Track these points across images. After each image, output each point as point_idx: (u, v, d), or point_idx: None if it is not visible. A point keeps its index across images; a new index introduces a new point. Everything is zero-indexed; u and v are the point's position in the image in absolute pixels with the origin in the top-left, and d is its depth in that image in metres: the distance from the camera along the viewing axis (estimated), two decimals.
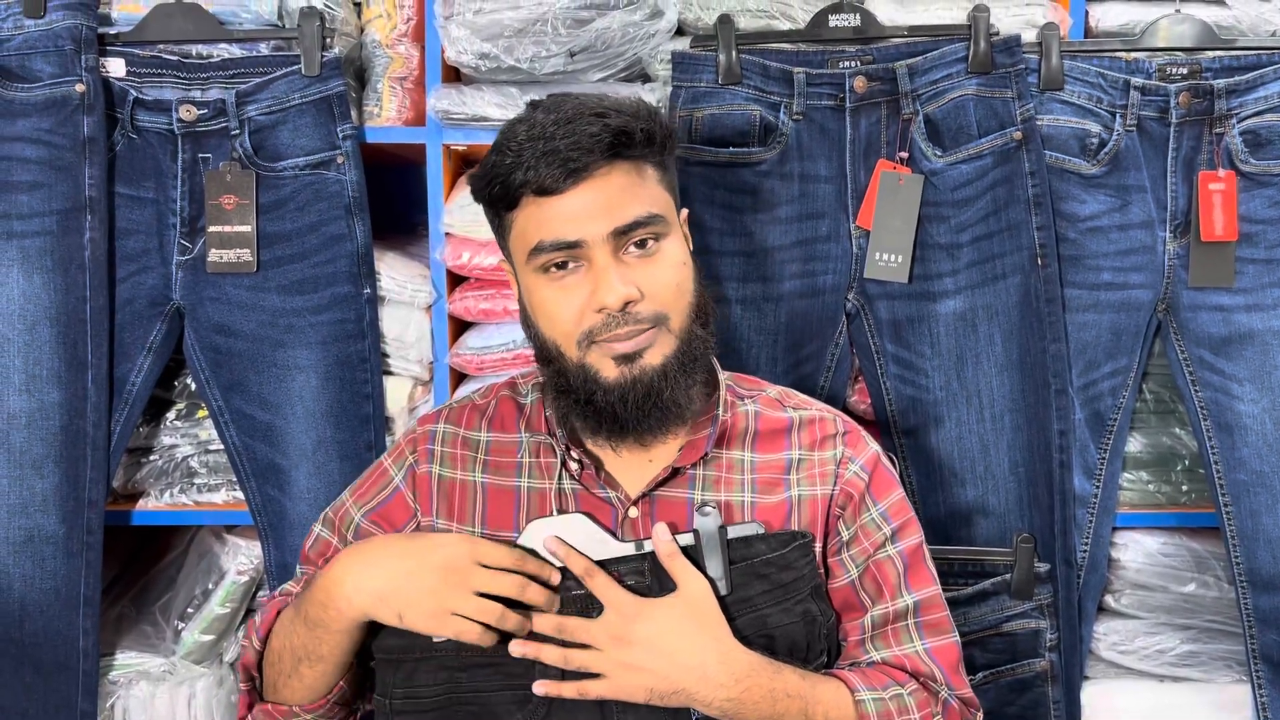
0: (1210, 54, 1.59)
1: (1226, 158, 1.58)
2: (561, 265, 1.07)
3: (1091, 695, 1.68)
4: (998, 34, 1.57)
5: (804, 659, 1.11)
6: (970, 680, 1.57)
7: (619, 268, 1.05)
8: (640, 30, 1.58)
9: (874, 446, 1.21)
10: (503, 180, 1.06)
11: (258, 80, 1.56)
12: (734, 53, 1.57)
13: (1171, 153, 1.58)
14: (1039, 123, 1.57)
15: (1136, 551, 1.66)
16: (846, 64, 1.58)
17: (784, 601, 1.10)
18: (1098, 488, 1.62)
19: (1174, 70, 1.57)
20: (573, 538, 1.08)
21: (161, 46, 1.59)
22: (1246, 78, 1.57)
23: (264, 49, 1.60)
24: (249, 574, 1.68)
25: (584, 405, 1.09)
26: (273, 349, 1.58)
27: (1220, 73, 1.57)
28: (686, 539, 1.09)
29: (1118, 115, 1.57)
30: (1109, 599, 1.67)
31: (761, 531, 1.11)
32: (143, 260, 1.59)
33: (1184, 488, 1.68)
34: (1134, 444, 1.67)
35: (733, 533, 1.10)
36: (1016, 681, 1.60)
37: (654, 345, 1.07)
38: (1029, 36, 1.58)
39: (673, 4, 1.60)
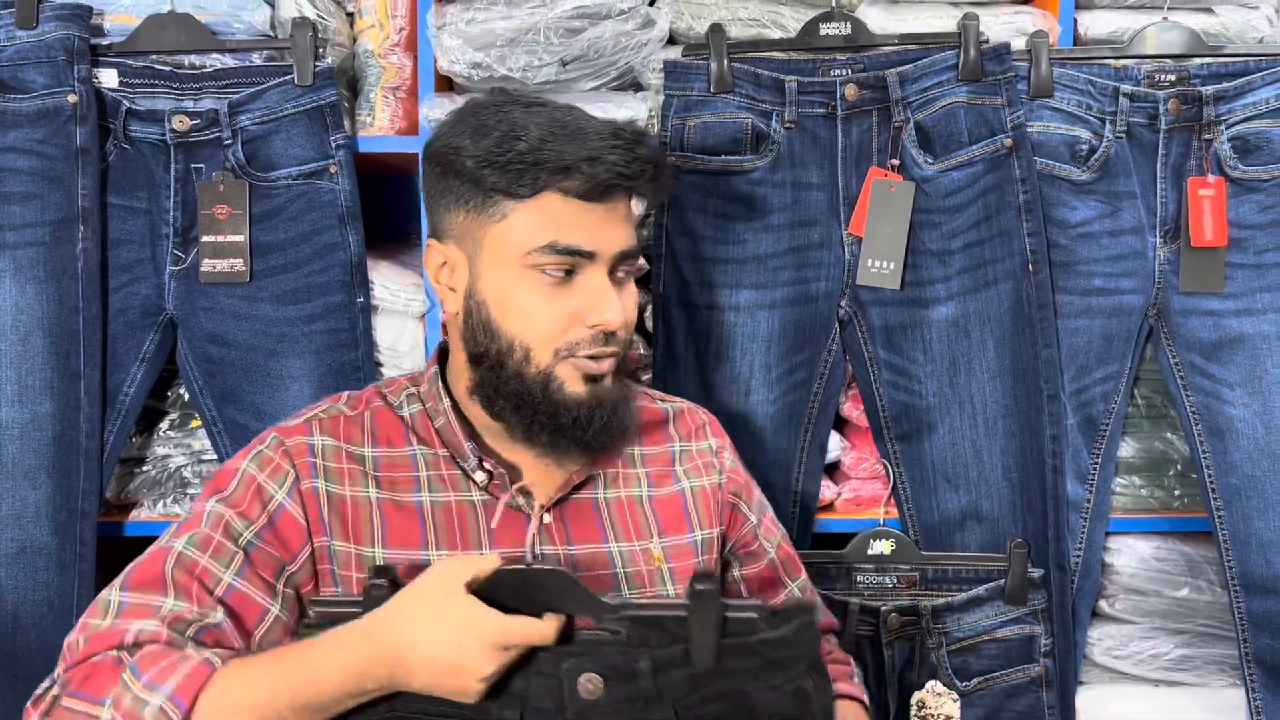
0: (1198, 61, 1.60)
1: (1215, 163, 1.59)
2: (568, 271, 1.04)
3: (1086, 700, 1.68)
4: (987, 42, 1.58)
5: None
6: (965, 686, 1.59)
7: (614, 289, 1.06)
8: (632, 39, 1.59)
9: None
10: (530, 167, 1.00)
11: (250, 90, 1.57)
12: (726, 61, 1.58)
13: (1161, 159, 1.59)
14: (1029, 130, 1.58)
15: (1130, 556, 1.67)
16: (838, 72, 1.59)
17: (774, 679, 0.97)
18: (1090, 493, 1.62)
19: (1162, 77, 1.58)
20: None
21: (154, 57, 1.59)
22: (1234, 84, 1.58)
23: (257, 59, 1.60)
24: None
25: (539, 415, 1.04)
26: (266, 358, 1.58)
27: (1208, 79, 1.59)
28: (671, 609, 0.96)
29: (1107, 122, 1.58)
30: (1103, 604, 1.67)
31: (764, 611, 0.97)
32: (135, 270, 1.59)
33: (1176, 492, 1.69)
34: (1126, 449, 1.68)
35: (733, 614, 0.96)
36: (1011, 687, 1.61)
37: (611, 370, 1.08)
38: (1018, 44, 1.59)
39: (664, 13, 1.61)
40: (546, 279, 1.03)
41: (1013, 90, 1.57)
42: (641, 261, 1.14)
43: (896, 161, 1.59)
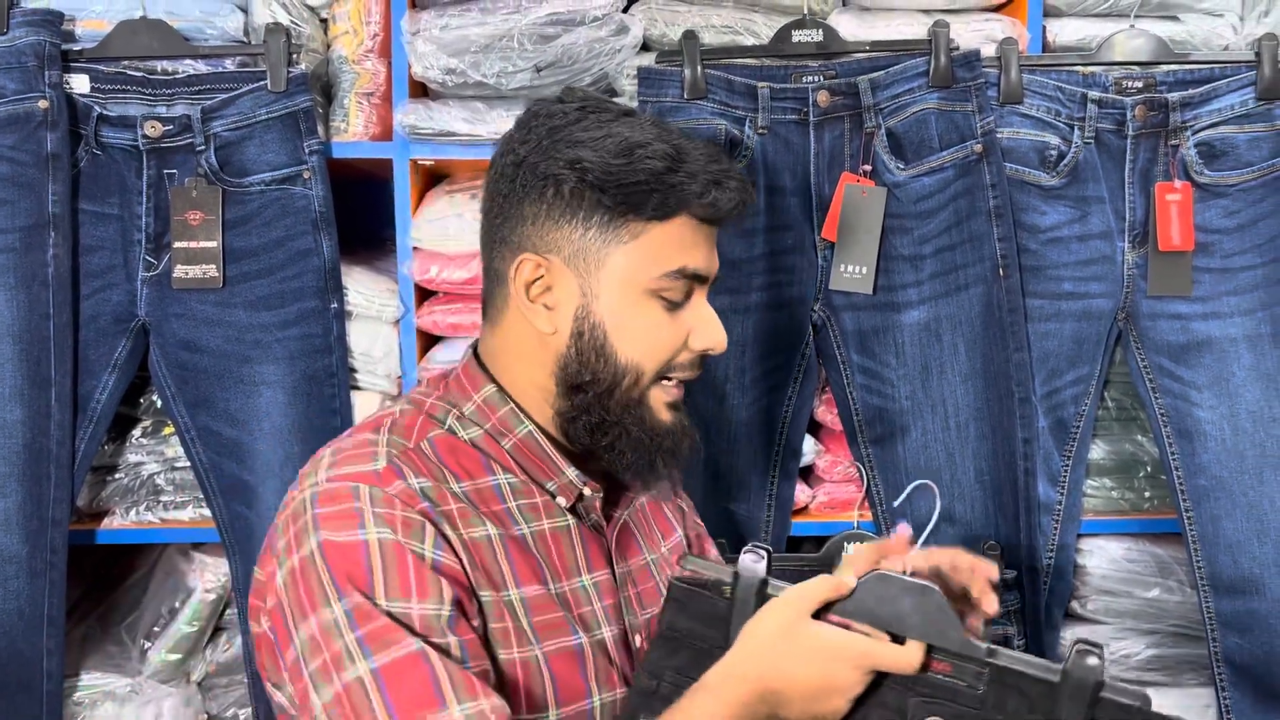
0: (1164, 68, 1.62)
1: (1182, 169, 1.61)
2: (686, 294, 0.99)
3: None
4: (958, 49, 1.59)
5: None
6: None
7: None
8: (606, 46, 1.59)
9: None
10: (670, 189, 0.95)
11: (223, 96, 1.56)
12: (699, 68, 1.59)
13: (1129, 164, 1.61)
14: (999, 135, 1.59)
15: (1101, 557, 1.68)
16: (810, 79, 1.60)
17: None
18: (1062, 495, 1.64)
19: (1129, 84, 1.61)
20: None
21: (126, 63, 1.58)
22: (1200, 90, 1.60)
23: (230, 65, 1.60)
24: (216, 592, 1.67)
25: (640, 442, 0.99)
26: (239, 365, 1.58)
27: (1174, 86, 1.61)
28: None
29: (1076, 128, 1.60)
30: (1075, 605, 1.69)
31: (1146, 704, 0.88)
32: (107, 277, 1.58)
33: (1146, 494, 1.71)
34: (1097, 451, 1.69)
35: (1109, 694, 0.86)
36: None
37: None
38: (988, 51, 1.61)
39: (638, 20, 1.62)
40: (665, 303, 0.98)
41: (983, 97, 1.59)
42: None
43: (869, 167, 1.60)
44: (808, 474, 1.73)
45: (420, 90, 1.68)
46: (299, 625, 0.87)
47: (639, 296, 0.96)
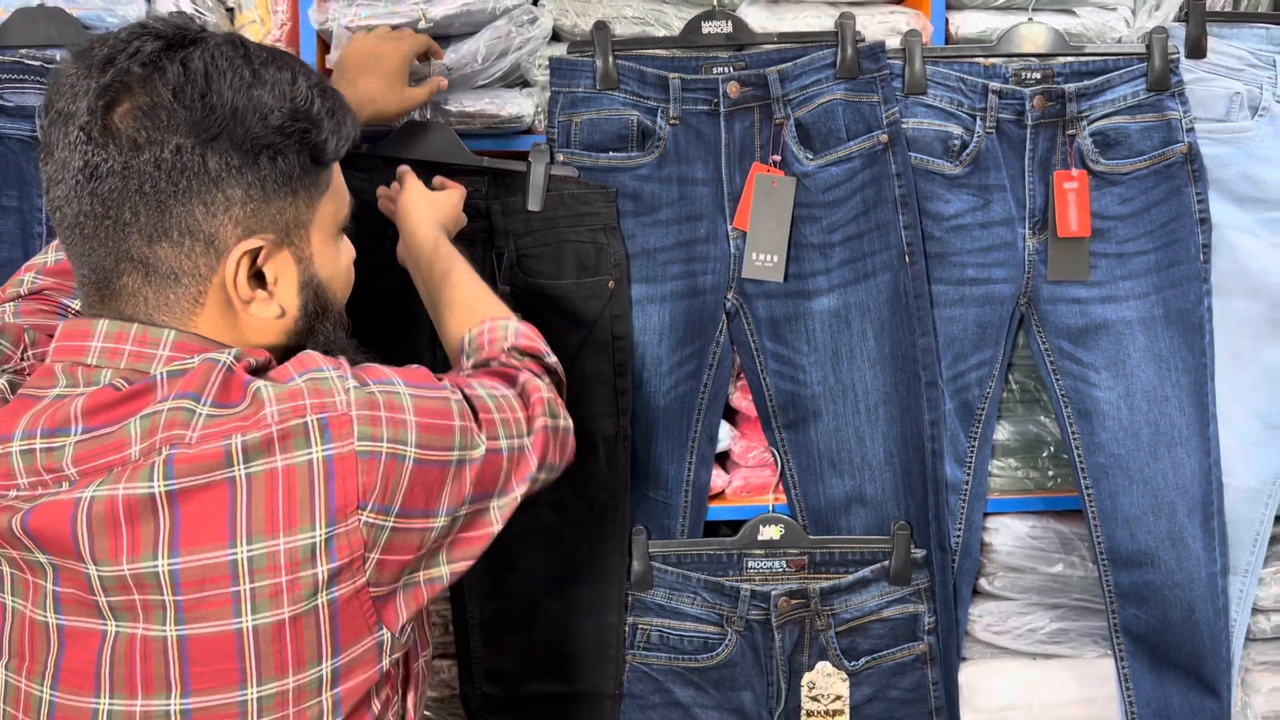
0: (1061, 60, 1.67)
1: (1079, 158, 1.66)
2: None
3: (969, 675, 1.75)
4: (863, 41, 1.63)
5: (593, 274, 1.54)
6: (853, 666, 1.64)
7: None
8: (515, 38, 1.60)
9: None
10: (341, 125, 0.91)
11: None
12: (610, 59, 1.60)
13: (1028, 153, 1.66)
14: (904, 126, 1.63)
15: (1007, 535, 1.73)
16: (720, 70, 1.62)
17: (578, 227, 1.58)
18: (969, 475, 1.69)
19: (1028, 75, 1.65)
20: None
21: (24, 51, 1.54)
22: (1095, 81, 1.65)
23: None
24: None
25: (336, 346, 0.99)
26: None
27: (1071, 77, 1.66)
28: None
29: (978, 118, 1.64)
30: (982, 582, 1.74)
31: (577, 175, 1.58)
32: (7, 271, 1.54)
33: (1050, 473, 1.76)
34: (1002, 432, 1.74)
35: (555, 170, 1.57)
36: (897, 665, 1.66)
37: None
38: (893, 43, 1.65)
39: (548, 10, 1.62)
40: (343, 233, 0.98)
41: (888, 88, 1.62)
42: None
43: (778, 157, 1.63)
44: (724, 459, 1.75)
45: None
46: None
47: (335, 238, 0.95)
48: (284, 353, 0.92)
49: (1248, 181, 1.68)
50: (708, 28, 1.64)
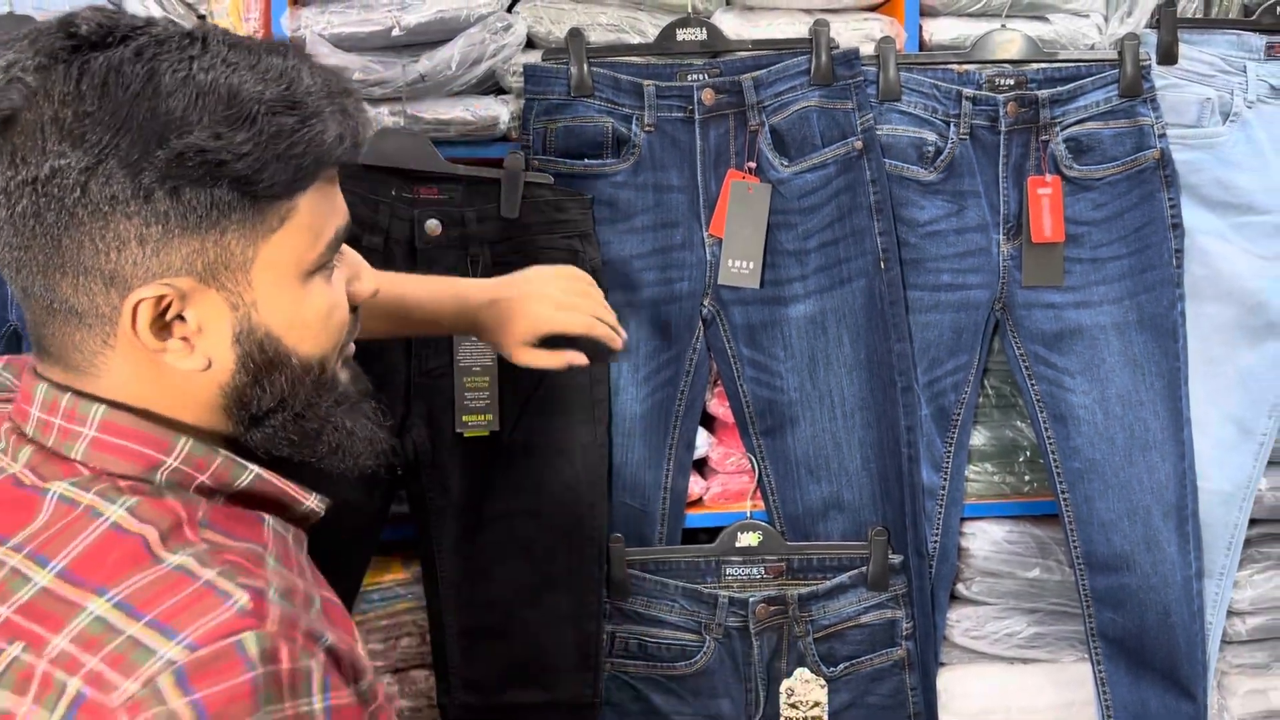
0: (1034, 66, 1.68)
1: (1052, 163, 1.67)
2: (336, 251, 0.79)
3: (947, 680, 1.75)
4: (837, 48, 1.63)
5: None
6: (831, 672, 1.64)
7: None
8: (489, 46, 1.59)
9: None
10: (311, 146, 0.70)
11: None
12: (585, 66, 1.60)
13: (1002, 159, 1.67)
14: (878, 132, 1.63)
15: (984, 540, 1.74)
16: (695, 77, 1.63)
17: (553, 234, 1.56)
18: (945, 480, 1.69)
19: (1002, 81, 1.66)
20: None
21: None
22: (1068, 88, 1.66)
23: None
24: None
25: (342, 433, 0.82)
26: None
27: (1044, 83, 1.66)
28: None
29: (952, 124, 1.65)
30: (960, 587, 1.74)
31: (553, 182, 1.58)
32: None
33: (1026, 477, 1.77)
34: (978, 437, 1.75)
35: (530, 178, 1.56)
36: (875, 671, 1.66)
37: None
38: (867, 50, 1.65)
39: (522, 18, 1.62)
40: (325, 272, 0.77)
41: (862, 94, 1.63)
42: None
43: (753, 164, 1.63)
44: (702, 466, 1.75)
45: None
46: None
47: (301, 282, 0.74)
48: (239, 415, 0.76)
49: (1220, 186, 1.69)
50: (682, 35, 1.64)
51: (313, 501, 0.80)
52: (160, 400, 0.74)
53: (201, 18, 1.65)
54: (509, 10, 1.64)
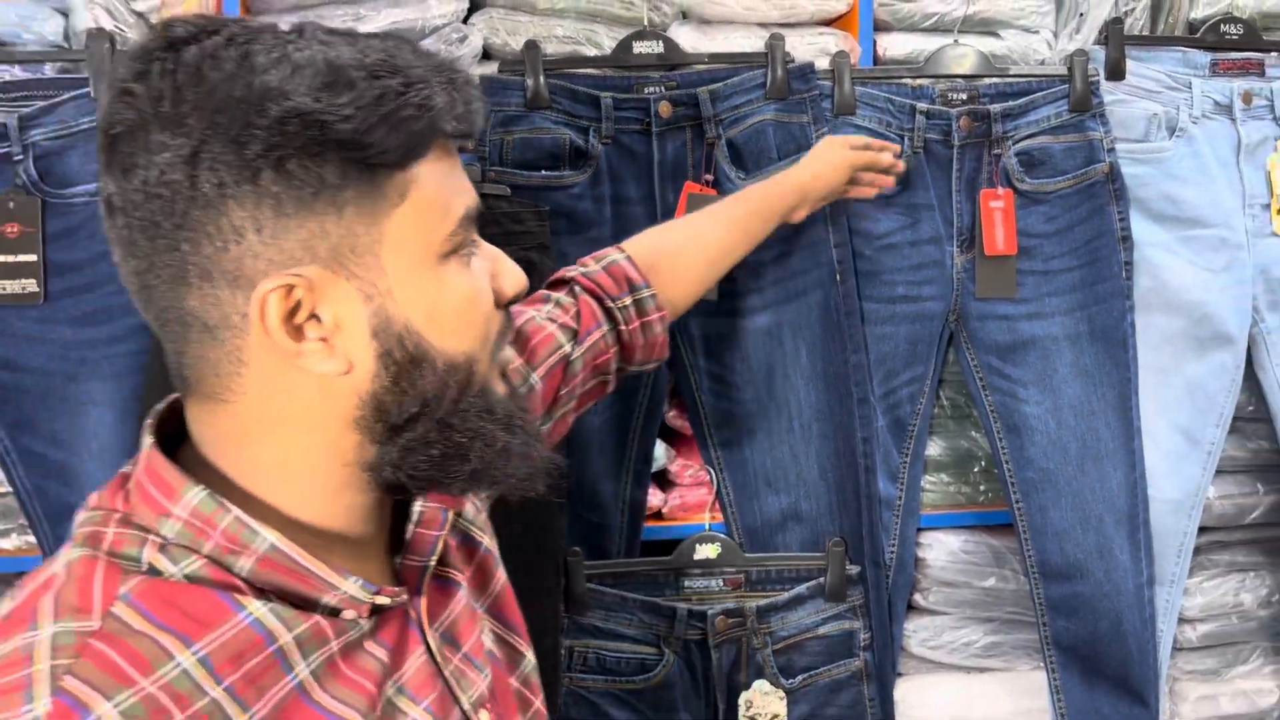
0: (987, 81, 1.70)
1: (1005, 177, 1.69)
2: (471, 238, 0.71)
3: (905, 691, 1.76)
4: (793, 62, 1.64)
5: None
6: (790, 683, 1.64)
7: None
8: (445, 56, 1.59)
9: None
10: (421, 111, 0.64)
11: (43, 104, 1.49)
12: (542, 78, 1.59)
13: (955, 173, 1.68)
14: None
15: (940, 550, 1.75)
16: (652, 89, 1.63)
17: (511, 245, 1.18)
18: (901, 490, 1.70)
19: (954, 96, 1.68)
20: None
21: None
22: (1019, 102, 1.68)
23: (49, 71, 1.53)
24: None
25: (491, 451, 0.71)
26: (64, 384, 1.51)
27: (996, 98, 1.69)
28: None
29: (905, 138, 1.66)
30: (917, 597, 1.75)
31: (509, 193, 1.54)
32: None
33: (981, 487, 1.78)
34: (934, 448, 1.76)
35: (487, 188, 1.48)
36: (834, 682, 1.66)
37: None
38: (822, 64, 1.66)
39: (478, 29, 1.61)
40: (463, 259, 0.70)
41: (818, 108, 1.64)
42: None
43: (710, 176, 1.64)
44: (661, 478, 1.75)
45: None
46: None
47: (436, 265, 0.68)
48: (378, 428, 0.68)
49: (1166, 200, 1.72)
50: (639, 48, 1.64)
51: (349, 588, 0.67)
52: (299, 418, 0.67)
53: (153, 27, 1.63)
54: (464, 21, 1.64)
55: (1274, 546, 1.85)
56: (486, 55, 1.66)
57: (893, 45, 1.75)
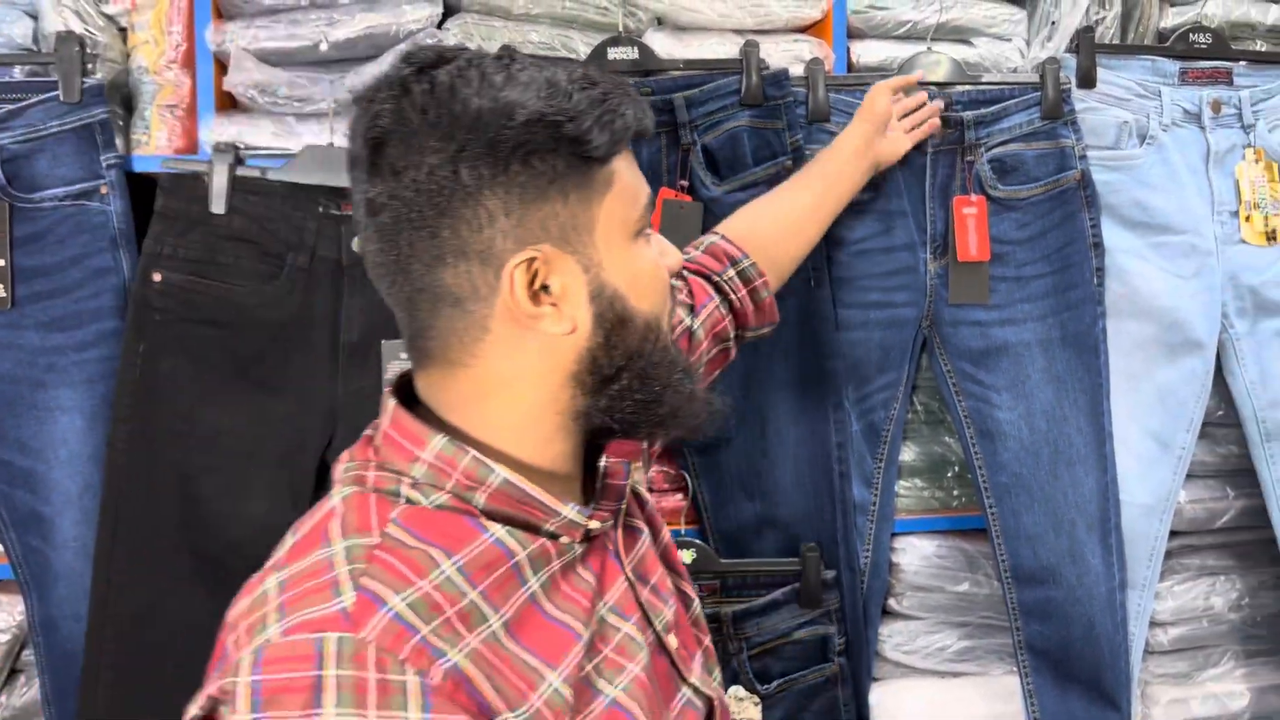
0: (960, 88, 1.71)
1: (978, 184, 1.70)
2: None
3: (880, 695, 1.76)
4: (768, 68, 1.64)
5: None
6: (765, 689, 1.64)
7: None
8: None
9: None
10: (616, 115, 0.79)
11: (10, 107, 1.48)
12: None
13: (929, 179, 1.69)
14: (808, 152, 1.65)
15: (914, 555, 1.75)
16: None
17: None
18: (876, 495, 1.70)
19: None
20: None
21: None
22: (992, 109, 1.69)
23: (18, 74, 1.52)
24: (10, 632, 1.57)
25: (678, 398, 0.86)
26: (32, 390, 1.49)
27: (969, 105, 1.69)
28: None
29: None
30: (891, 602, 1.76)
31: None
32: None
33: (954, 492, 1.79)
34: (907, 453, 1.77)
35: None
36: (809, 687, 1.66)
37: None
38: (797, 70, 1.67)
39: (453, 34, 1.61)
40: (645, 237, 0.86)
41: (792, 114, 1.64)
42: None
43: (685, 182, 1.64)
44: None
45: (228, 102, 1.63)
46: None
47: (631, 242, 0.83)
48: (591, 381, 0.82)
49: (1137, 207, 1.73)
50: (614, 54, 1.64)
51: (568, 514, 0.81)
52: (528, 375, 0.81)
53: (123, 30, 1.62)
54: (439, 27, 1.63)
55: (1244, 550, 1.87)
56: None
57: (866, 53, 1.75)
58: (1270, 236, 1.77)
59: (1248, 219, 1.76)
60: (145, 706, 1.49)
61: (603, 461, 0.89)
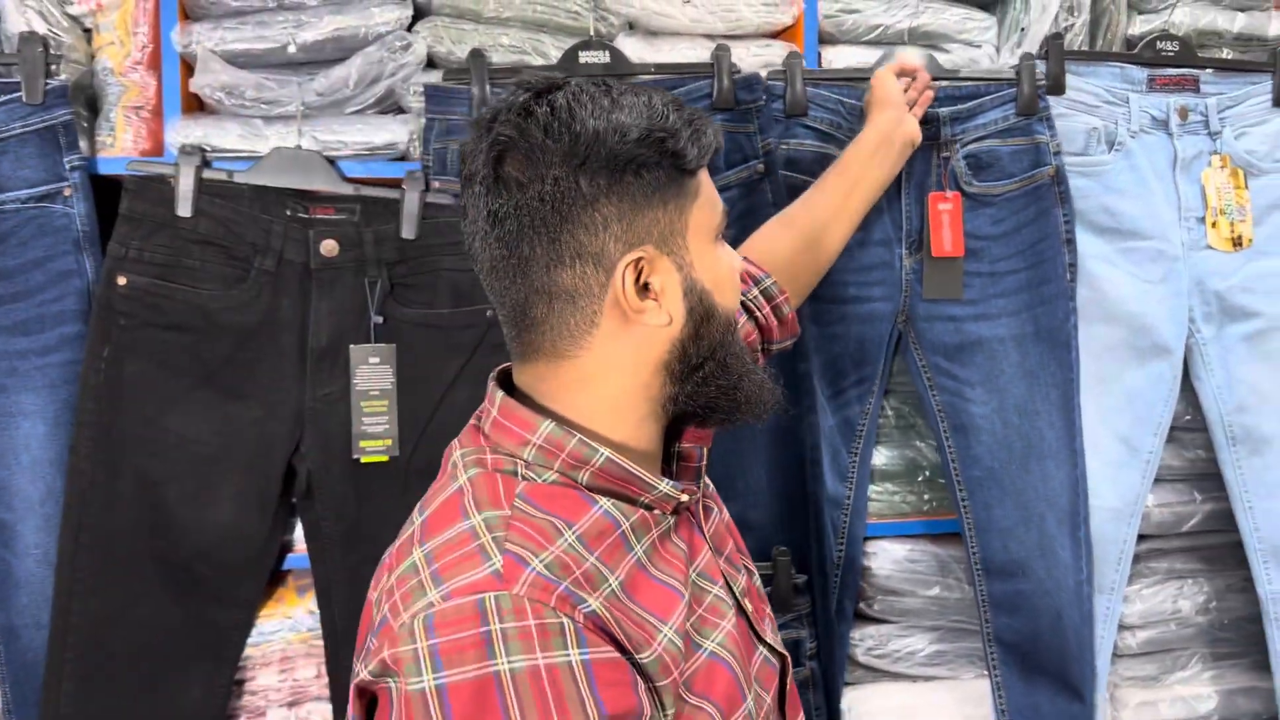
0: (936, 84, 1.71)
1: (953, 180, 1.70)
2: None
3: (851, 699, 1.76)
4: (739, 73, 1.64)
5: (469, 303, 1.53)
6: None
7: None
8: (388, 65, 1.57)
9: None
10: (699, 134, 0.91)
11: None
12: (487, 86, 1.58)
13: (904, 175, 1.68)
14: (785, 146, 1.64)
15: (885, 559, 1.75)
16: None
17: (454, 255, 1.56)
18: (850, 490, 1.70)
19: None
20: None
21: None
22: (967, 106, 1.69)
23: None
24: None
25: (752, 383, 0.96)
26: None
27: (945, 101, 1.68)
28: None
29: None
30: (863, 605, 1.75)
31: (452, 202, 1.55)
32: None
33: (926, 496, 1.79)
34: (879, 457, 1.77)
35: (432, 197, 1.55)
36: None
37: None
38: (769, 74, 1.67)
39: (422, 37, 1.60)
40: (723, 240, 0.97)
41: (763, 118, 1.64)
42: None
43: None
44: None
45: (195, 104, 1.61)
46: None
47: (713, 244, 0.94)
48: (679, 369, 0.92)
49: (1105, 213, 1.74)
50: (585, 58, 1.64)
51: (664, 488, 0.91)
52: (626, 365, 0.91)
53: (87, 31, 1.60)
54: (408, 29, 1.62)
55: (1211, 554, 1.88)
56: (431, 64, 1.65)
57: (837, 58, 1.76)
58: (1236, 242, 1.78)
59: (1214, 225, 1.78)
60: (107, 715, 1.46)
61: (679, 445, 1.01)
